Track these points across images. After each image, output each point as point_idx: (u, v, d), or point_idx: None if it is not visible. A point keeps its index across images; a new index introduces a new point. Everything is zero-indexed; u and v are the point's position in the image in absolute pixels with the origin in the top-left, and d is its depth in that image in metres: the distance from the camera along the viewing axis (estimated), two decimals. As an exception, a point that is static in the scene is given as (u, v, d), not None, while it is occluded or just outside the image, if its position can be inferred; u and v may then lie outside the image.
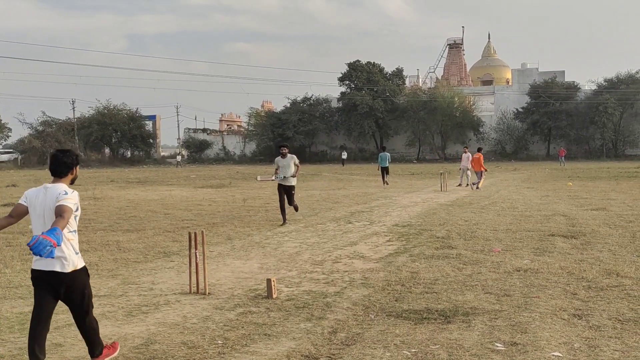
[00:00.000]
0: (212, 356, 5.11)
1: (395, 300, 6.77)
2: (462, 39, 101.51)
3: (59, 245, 4.09)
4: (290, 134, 76.08)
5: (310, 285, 7.66)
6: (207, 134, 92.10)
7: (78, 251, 4.75)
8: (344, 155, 65.38)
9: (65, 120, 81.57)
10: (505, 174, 37.09)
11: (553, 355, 4.94)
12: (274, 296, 6.99)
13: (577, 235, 11.26)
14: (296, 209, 14.59)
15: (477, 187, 24.31)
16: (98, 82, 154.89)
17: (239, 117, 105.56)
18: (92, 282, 8.03)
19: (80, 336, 5.66)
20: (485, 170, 25.70)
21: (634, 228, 12.08)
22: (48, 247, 3.99)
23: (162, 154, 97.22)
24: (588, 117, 69.30)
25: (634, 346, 5.15)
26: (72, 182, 4.84)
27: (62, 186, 4.64)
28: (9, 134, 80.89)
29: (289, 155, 14.07)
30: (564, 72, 76.88)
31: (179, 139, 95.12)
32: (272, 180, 14.14)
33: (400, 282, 7.66)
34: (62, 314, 6.46)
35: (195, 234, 7.43)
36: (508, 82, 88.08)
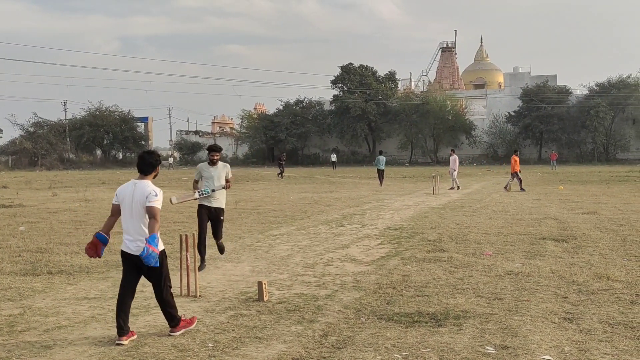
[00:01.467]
0: (202, 359, 5.09)
1: (387, 304, 6.77)
2: (455, 43, 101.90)
3: (158, 251, 5.38)
4: (282, 137, 76.17)
5: (301, 288, 7.64)
6: (200, 136, 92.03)
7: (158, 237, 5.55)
8: (334, 158, 61.55)
9: (57, 121, 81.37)
10: (497, 178, 37.20)
11: (544, 358, 4.95)
12: (265, 299, 6.97)
13: (568, 238, 11.30)
14: (222, 249, 9.58)
15: (507, 189, 24.54)
16: (90, 84, 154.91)
17: (232, 119, 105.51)
18: (83, 284, 8.00)
19: (70, 338, 5.65)
20: (519, 171, 25.57)
21: (625, 232, 12.13)
22: (154, 258, 5.25)
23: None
24: (579, 121, 69.65)
25: (624, 349, 5.16)
26: (154, 177, 5.78)
27: (149, 184, 5.60)
28: (0, 135, 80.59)
29: (220, 163, 9.29)
30: (555, 76, 77.32)
31: (171, 141, 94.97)
32: (194, 199, 8.99)
33: (391, 285, 7.66)
34: (51, 316, 6.43)
35: (186, 236, 7.41)
36: (500, 86, 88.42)
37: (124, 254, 5.68)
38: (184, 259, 7.30)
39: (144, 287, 7.78)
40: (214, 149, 9.30)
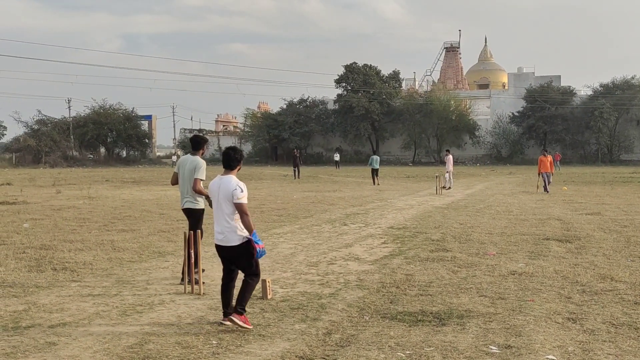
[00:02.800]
0: (206, 356, 5.10)
1: (390, 303, 6.78)
2: (459, 43, 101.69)
3: (263, 245, 5.94)
4: (286, 136, 76.15)
5: (305, 287, 7.65)
6: (203, 135, 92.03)
7: (243, 227, 5.91)
8: (337, 157, 61.29)
9: (61, 119, 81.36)
10: (500, 178, 37.15)
11: (547, 358, 4.95)
12: (269, 297, 6.98)
13: (572, 239, 11.28)
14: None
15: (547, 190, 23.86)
16: (94, 82, 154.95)
17: (235, 117, 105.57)
18: (87, 281, 8.02)
19: (74, 334, 5.66)
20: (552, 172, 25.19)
21: (629, 233, 12.11)
22: (264, 253, 5.92)
23: (157, 154, 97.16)
24: (583, 122, 69.47)
25: (627, 350, 5.16)
26: (237, 171, 6.19)
27: (234, 179, 5.99)
28: (4, 132, 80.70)
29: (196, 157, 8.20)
30: (560, 76, 77.11)
31: (174, 139, 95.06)
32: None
33: (395, 285, 7.66)
34: (55, 312, 6.45)
35: (190, 233, 7.42)
36: (504, 86, 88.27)
37: (216, 247, 6.10)
38: (189, 256, 7.31)
39: (148, 285, 7.81)
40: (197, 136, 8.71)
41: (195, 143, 8.34)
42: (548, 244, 10.81)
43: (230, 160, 6.14)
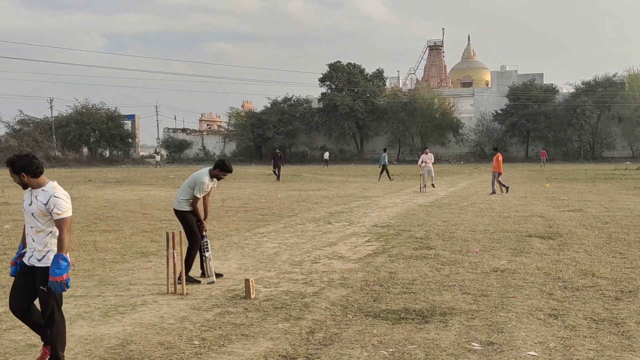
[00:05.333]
0: (189, 356, 5.08)
1: (374, 301, 6.79)
2: (443, 41, 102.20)
3: None
4: (270, 135, 76.10)
5: (288, 286, 7.64)
6: (187, 134, 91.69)
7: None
8: (326, 156, 64.78)
9: (43, 119, 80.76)
10: (484, 176, 37.32)
11: (529, 354, 4.98)
12: (252, 296, 6.96)
13: (554, 236, 11.37)
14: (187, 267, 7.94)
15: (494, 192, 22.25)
16: (76, 81, 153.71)
17: (219, 117, 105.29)
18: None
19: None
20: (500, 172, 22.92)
21: (610, 229, 12.22)
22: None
23: (141, 153, 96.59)
24: (566, 119, 70.09)
25: (608, 345, 5.20)
26: None
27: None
28: (-14, 132, 79.86)
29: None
30: (542, 74, 77.77)
31: (158, 138, 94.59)
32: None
33: (378, 283, 7.68)
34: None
35: (173, 234, 7.38)
36: (487, 84, 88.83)
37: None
38: (171, 256, 7.27)
39: (131, 286, 7.76)
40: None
41: (218, 165, 8.25)
42: (530, 240, 10.88)
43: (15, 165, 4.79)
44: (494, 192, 22.13)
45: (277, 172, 34.75)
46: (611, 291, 7.09)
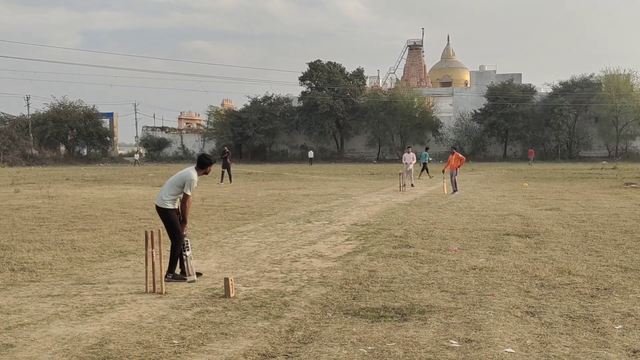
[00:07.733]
0: (168, 355, 5.06)
1: (353, 299, 6.81)
2: (422, 41, 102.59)
3: None
4: (250, 133, 75.92)
5: (268, 284, 7.64)
6: (166, 132, 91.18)
7: None
8: (311, 154, 66.84)
9: (20, 117, 79.76)
10: (462, 174, 37.55)
11: (506, 351, 5.03)
12: (232, 295, 6.95)
13: (532, 234, 11.49)
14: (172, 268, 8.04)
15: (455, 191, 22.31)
16: (53, 79, 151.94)
17: (198, 115, 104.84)
18: (46, 281, 7.88)
19: (33, 336, 5.56)
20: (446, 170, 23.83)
21: (586, 228, 12.38)
22: None
23: (119, 152, 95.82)
24: (544, 119, 70.81)
25: (584, 342, 5.28)
26: None
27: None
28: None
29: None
30: (520, 74, 78.43)
31: (136, 137, 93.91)
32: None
33: (358, 281, 7.70)
34: (13, 313, 6.32)
35: (151, 232, 7.35)
36: (466, 84, 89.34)
37: None
38: (150, 255, 7.24)
39: (109, 285, 7.71)
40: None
41: (200, 162, 8.25)
42: (508, 239, 10.99)
43: None
44: (456, 191, 22.27)
45: (228, 172, 31.21)
46: (587, 289, 7.18)
